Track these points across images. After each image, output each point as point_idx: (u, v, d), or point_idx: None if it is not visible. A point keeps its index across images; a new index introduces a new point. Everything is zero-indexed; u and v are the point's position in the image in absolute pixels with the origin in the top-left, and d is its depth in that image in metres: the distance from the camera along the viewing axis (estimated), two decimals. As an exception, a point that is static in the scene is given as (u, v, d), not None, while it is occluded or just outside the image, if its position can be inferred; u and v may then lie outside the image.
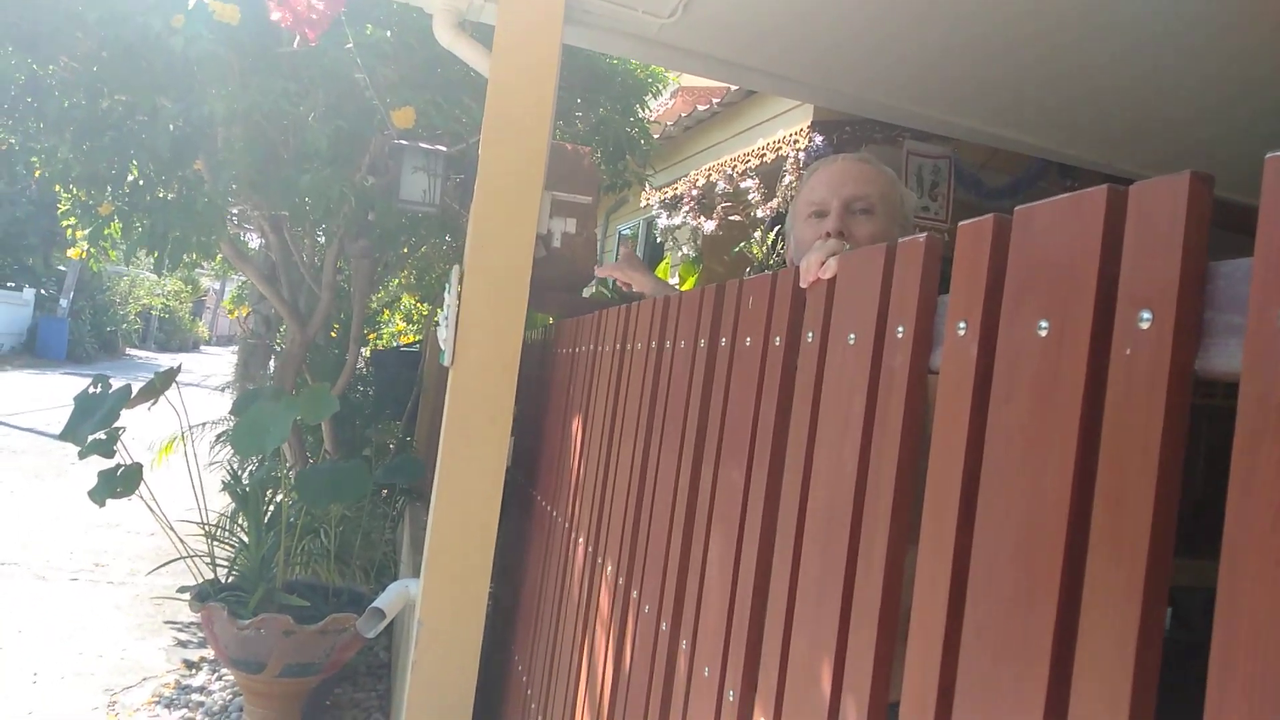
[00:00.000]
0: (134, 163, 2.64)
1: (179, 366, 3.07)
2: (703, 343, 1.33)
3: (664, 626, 1.29)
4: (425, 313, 8.32)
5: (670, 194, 4.86)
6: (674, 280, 5.41)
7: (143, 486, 2.97)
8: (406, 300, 8.34)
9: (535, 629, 2.33)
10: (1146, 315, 0.55)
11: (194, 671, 3.86)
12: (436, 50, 3.14)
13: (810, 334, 0.98)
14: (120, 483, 2.58)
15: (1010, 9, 2.64)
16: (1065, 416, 0.61)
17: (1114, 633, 0.55)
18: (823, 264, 0.96)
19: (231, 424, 5.00)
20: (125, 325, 24.52)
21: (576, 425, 2.18)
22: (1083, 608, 0.58)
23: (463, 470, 2.52)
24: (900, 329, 0.80)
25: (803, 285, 1.00)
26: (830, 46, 3.05)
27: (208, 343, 35.71)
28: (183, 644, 4.19)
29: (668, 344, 1.50)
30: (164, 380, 2.87)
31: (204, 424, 5.16)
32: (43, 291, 20.32)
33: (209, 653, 4.08)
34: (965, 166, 3.73)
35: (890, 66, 3.16)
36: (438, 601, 2.49)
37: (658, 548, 1.38)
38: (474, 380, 2.52)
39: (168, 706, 3.43)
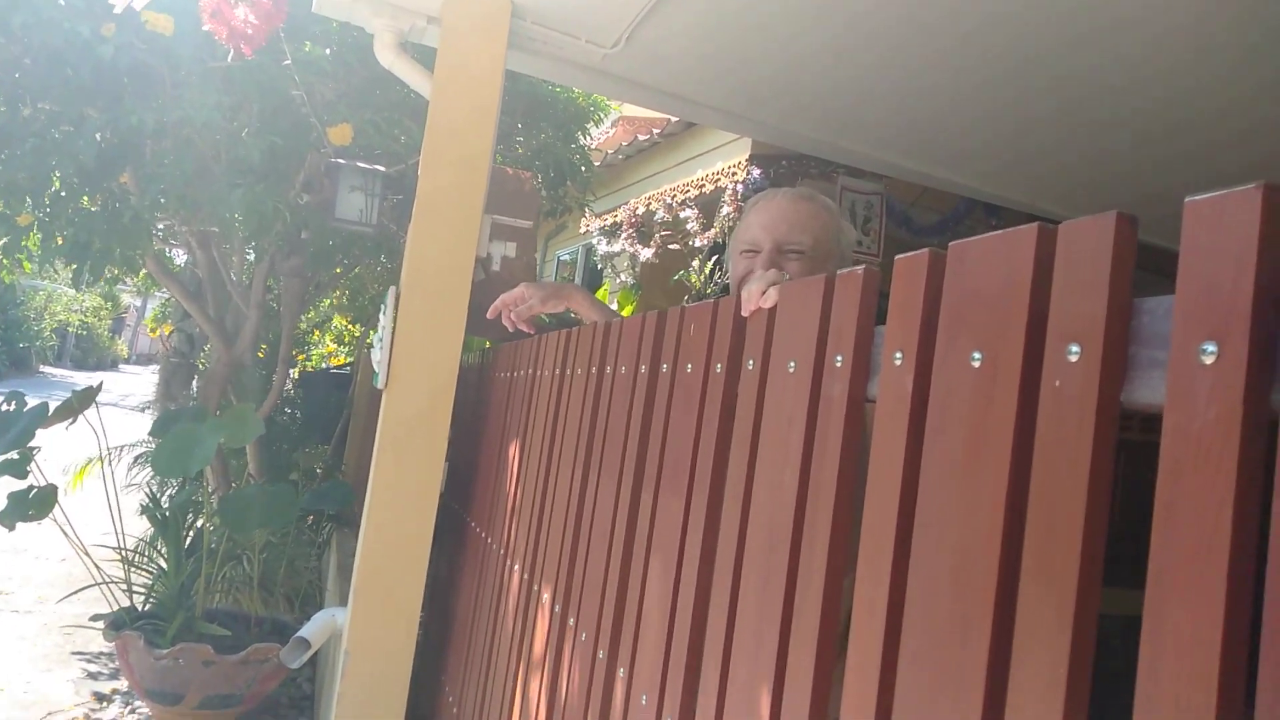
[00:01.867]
0: (56, 173, 2.54)
1: (99, 385, 2.95)
2: (644, 369, 1.33)
3: (601, 654, 1.28)
4: (357, 334, 8.18)
5: (610, 221, 4.89)
6: (612, 306, 5.42)
7: (56, 509, 2.84)
8: (338, 321, 8.19)
9: (467, 658, 2.29)
10: (1075, 349, 0.58)
11: (104, 705, 3.68)
12: (376, 70, 3.11)
13: (751, 361, 0.99)
14: (33, 505, 2.46)
15: (938, 49, 2.73)
16: (997, 446, 0.63)
17: (1047, 660, 0.56)
18: (763, 293, 0.98)
19: (152, 446, 4.82)
20: (40, 342, 23.53)
21: (513, 450, 2.16)
22: (1015, 635, 0.59)
23: (395, 495, 2.47)
24: (839, 357, 0.82)
25: (744, 314, 1.02)
26: (767, 82, 3.12)
27: (127, 361, 34.47)
28: (92, 676, 4.00)
29: (608, 369, 1.50)
30: (83, 399, 2.76)
31: (122, 446, 4.97)
32: (-50, 305, 19.40)
33: (122, 684, 3.90)
34: (896, 203, 3.83)
35: (825, 103, 3.24)
36: (366, 631, 2.43)
37: (596, 574, 1.37)
38: (408, 403, 2.48)
39: (74, 743, 3.26)
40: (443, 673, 2.60)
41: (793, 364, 0.89)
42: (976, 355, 0.66)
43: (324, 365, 8.59)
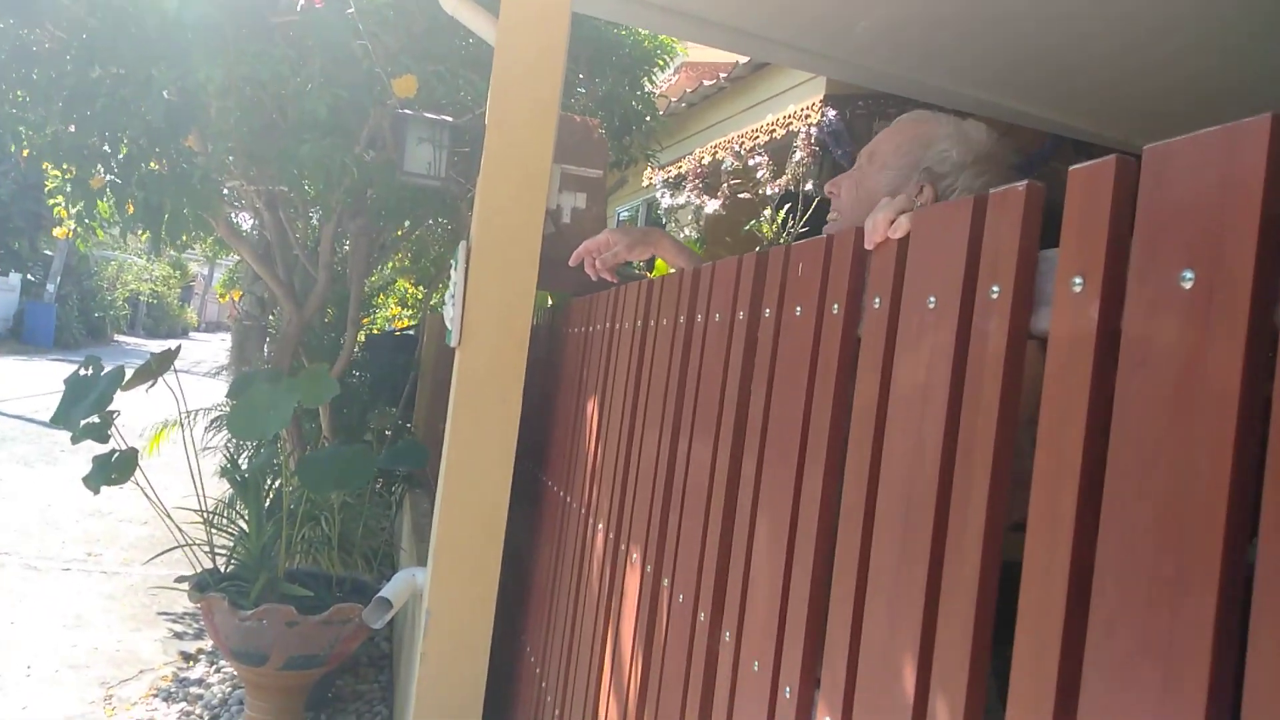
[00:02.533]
0: (125, 135, 2.52)
1: (178, 348, 2.97)
2: (742, 314, 1.24)
3: (702, 617, 1.21)
4: (420, 296, 8.22)
5: (674, 172, 4.76)
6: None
7: (138, 473, 2.88)
8: (401, 284, 8.23)
9: (550, 619, 2.26)
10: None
11: (191, 664, 3.78)
12: (439, 18, 3.03)
13: (878, 299, 0.89)
14: (115, 469, 2.48)
15: None
16: (1221, 378, 0.53)
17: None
18: (892, 221, 0.88)
19: (228, 409, 4.90)
20: (113, 311, 24.30)
21: (592, 408, 2.10)
22: (1251, 592, 0.50)
23: (472, 453, 2.44)
24: (995, 288, 0.72)
25: (868, 246, 0.92)
26: (840, 12, 2.95)
27: (196, 329, 35.46)
28: (178, 636, 4.11)
29: (699, 318, 1.42)
30: (161, 362, 2.77)
31: (198, 410, 5.06)
32: (29, 277, 20.08)
33: (207, 644, 4.00)
34: (979, 142, 3.63)
35: (901, 34, 3.06)
36: (447, 590, 2.41)
37: (692, 534, 1.30)
38: (482, 360, 2.43)
39: (166, 700, 3.35)
40: (523, 631, 2.58)
41: (932, 299, 0.80)
42: (1188, 274, 0.56)
43: (388, 328, 8.66)
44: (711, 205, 4.31)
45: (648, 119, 3.49)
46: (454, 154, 2.35)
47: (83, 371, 2.60)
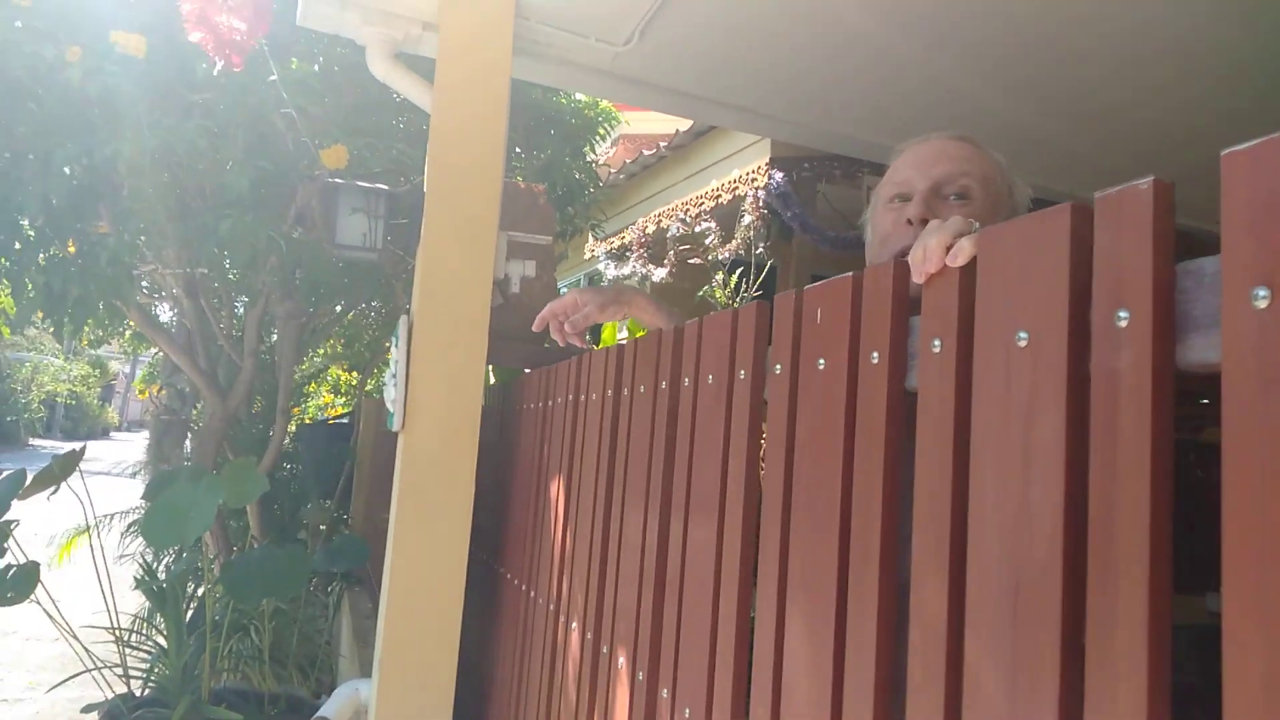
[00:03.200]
0: (23, 218, 2.29)
1: (82, 449, 2.67)
2: (743, 373, 1.08)
3: (720, 738, 1.01)
4: (354, 382, 7.92)
5: (616, 243, 4.65)
6: (622, 335, 5.18)
7: (40, 589, 2.55)
8: (334, 371, 7.93)
9: (515, 731, 2.00)
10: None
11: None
12: (368, 88, 2.89)
13: (937, 342, 0.73)
14: (12, 586, 2.17)
15: (968, 34, 2.55)
16: None
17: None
18: (948, 246, 0.73)
19: (144, 511, 4.52)
20: (27, 414, 23.09)
21: (557, 490, 1.89)
22: None
23: (419, 547, 2.20)
24: (1123, 314, 0.56)
25: (917, 278, 0.76)
26: (787, 73, 2.90)
27: (118, 429, 33.99)
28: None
29: (685, 381, 1.25)
30: (65, 465, 2.48)
31: (112, 514, 4.67)
32: (-66, 382, 19.03)
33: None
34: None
35: (847, 94, 3.03)
36: (394, 705, 2.14)
37: (696, 635, 1.10)
38: (430, 443, 2.22)
39: None
40: (484, 748, 2.30)
41: (1023, 335, 0.64)
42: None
43: (320, 417, 8.30)
44: (659, 274, 4.20)
45: (590, 189, 3.37)
46: (390, 225, 2.17)
47: (-28, 478, 2.30)
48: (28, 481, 2.42)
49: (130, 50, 2.26)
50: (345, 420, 7.26)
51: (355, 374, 7.56)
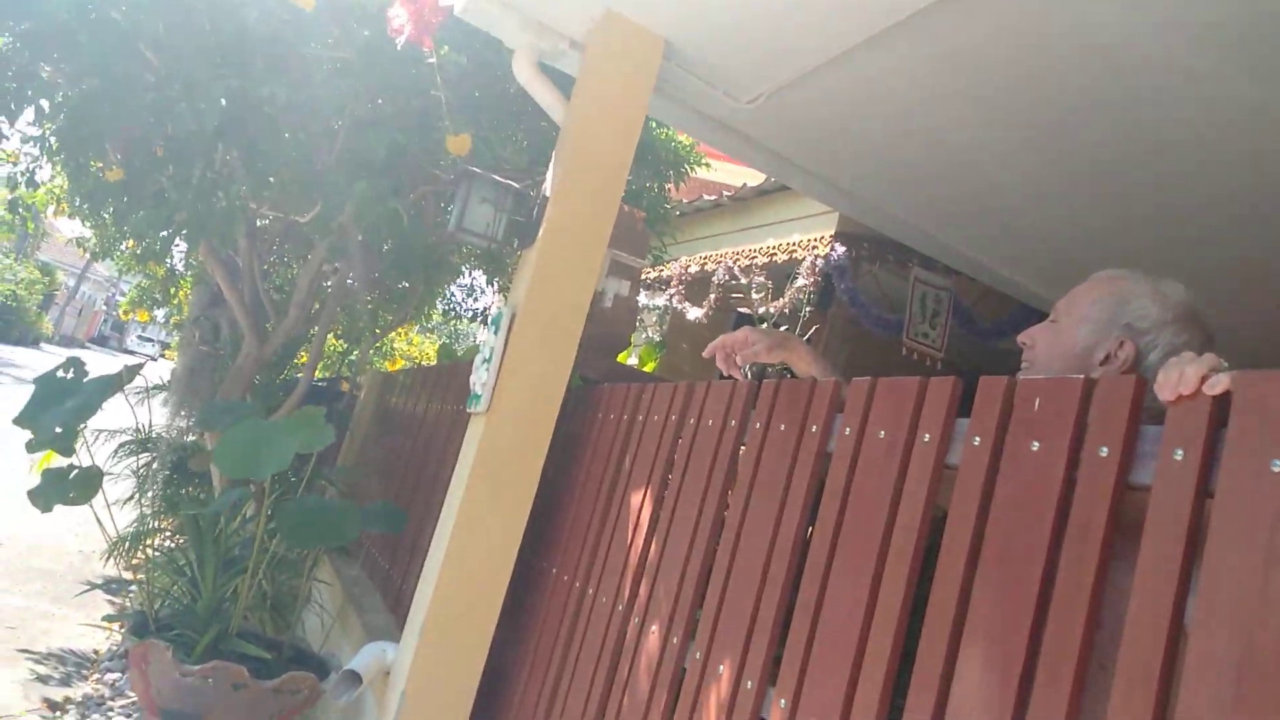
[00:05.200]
0: (166, 131, 2.35)
1: (145, 363, 2.72)
2: (927, 437, 1.23)
3: (862, 747, 1.15)
4: (341, 349, 7.93)
5: (654, 275, 4.81)
6: (632, 361, 5.32)
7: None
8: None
9: (549, 715, 2.10)
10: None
11: (57, 714, 3.34)
12: (494, 85, 3.02)
13: (1179, 451, 0.90)
14: (74, 487, 2.21)
15: (1025, 164, 2.80)
16: None
17: None
18: (1204, 378, 0.90)
19: (131, 436, 4.51)
20: (-37, 306, 22.29)
21: (642, 500, 2.02)
22: None
23: (481, 528, 2.30)
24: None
25: (1167, 397, 0.93)
26: (882, 164, 3.12)
27: (49, 340, 32.88)
28: (42, 679, 3.64)
29: (847, 430, 1.40)
30: (131, 373, 2.54)
31: (99, 431, 4.64)
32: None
33: (75, 693, 3.56)
34: (962, 301, 3.85)
35: (931, 195, 3.26)
36: (429, 672, 2.22)
37: (837, 664, 1.25)
38: (508, 430, 2.33)
39: (31, 756, 2.93)
40: (496, 728, 2.39)
41: (1277, 464, 0.81)
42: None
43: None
44: (694, 313, 4.37)
45: (670, 220, 3.54)
46: (512, 220, 2.31)
47: (61, 373, 2.34)
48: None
49: (300, 3, 2.37)
50: (324, 384, 7.28)
51: (342, 343, 7.59)
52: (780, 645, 1.39)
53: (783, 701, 1.33)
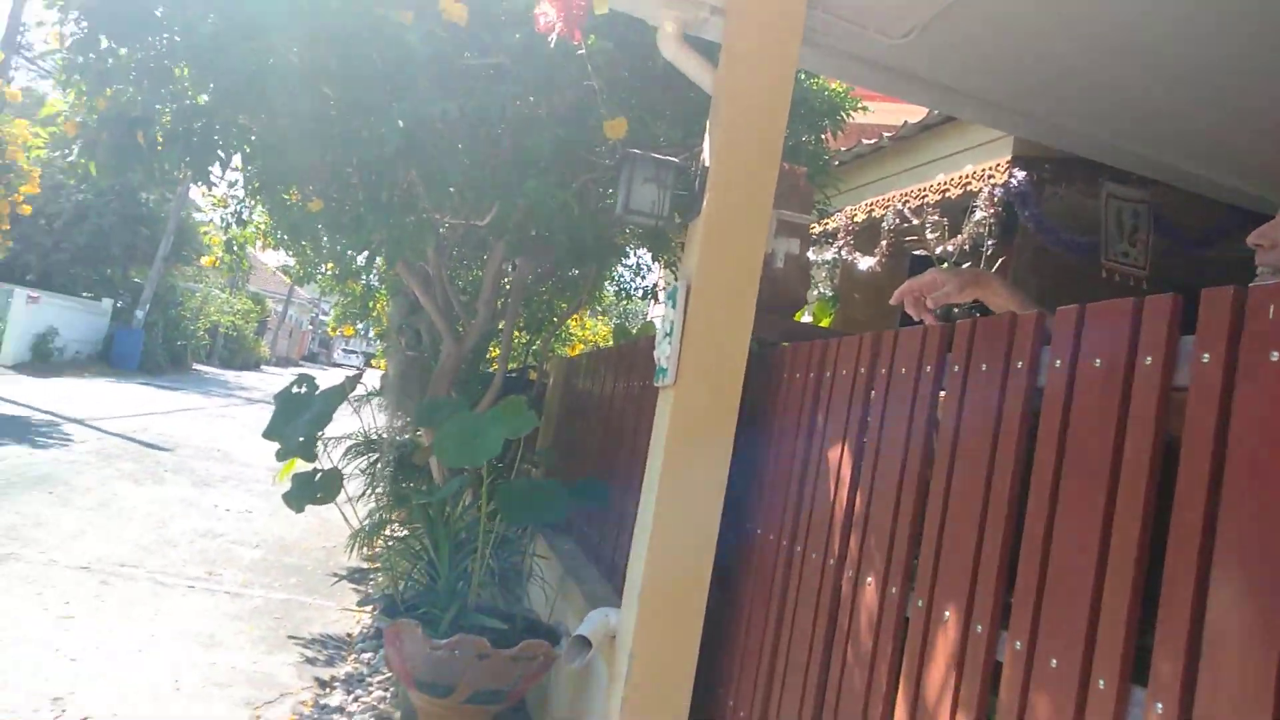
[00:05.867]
0: (353, 161, 2.57)
1: (360, 374, 3.00)
2: (1149, 359, 1.17)
3: (1101, 685, 1.12)
4: (525, 341, 8.32)
5: (820, 229, 4.74)
6: (806, 319, 5.27)
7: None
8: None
9: (772, 676, 2.16)
10: None
11: (328, 691, 3.74)
12: (641, 66, 3.07)
13: None
14: (320, 488, 2.48)
15: (1219, 50, 2.52)
16: None
17: None
18: None
19: (357, 440, 4.93)
20: (194, 341, 24.94)
21: (838, 455, 2.03)
22: None
23: (684, 494, 2.38)
24: None
25: None
26: (1053, 77, 2.92)
27: (267, 362, 36.26)
28: (310, 661, 4.08)
29: (1058, 363, 1.35)
30: (353, 383, 2.79)
31: (329, 438, 5.10)
32: (119, 304, 20.78)
33: (340, 671, 3.96)
34: (1164, 213, 3.55)
35: (1106, 97, 3.02)
36: (652, 633, 2.34)
37: (1072, 589, 1.22)
38: (699, 399, 2.39)
39: (312, 726, 3.31)
40: (721, 684, 2.48)
41: None
42: None
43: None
44: (866, 262, 4.27)
45: (829, 171, 3.47)
46: (675, 195, 2.35)
47: (295, 389, 2.62)
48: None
49: (454, 18, 2.49)
50: (514, 375, 7.67)
51: (525, 334, 7.95)
52: (1008, 589, 1.37)
53: (1018, 644, 1.31)
